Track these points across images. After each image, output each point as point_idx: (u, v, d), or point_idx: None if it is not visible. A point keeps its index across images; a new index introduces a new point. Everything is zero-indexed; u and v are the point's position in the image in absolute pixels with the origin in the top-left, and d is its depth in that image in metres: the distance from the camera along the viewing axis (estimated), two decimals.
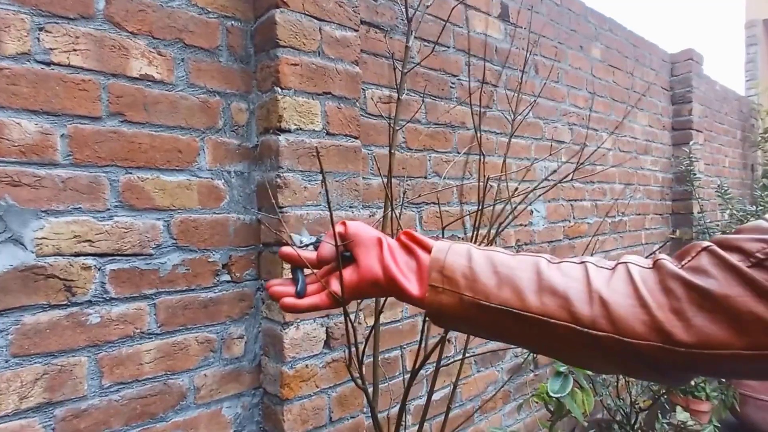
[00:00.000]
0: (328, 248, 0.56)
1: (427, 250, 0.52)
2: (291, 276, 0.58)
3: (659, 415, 2.26)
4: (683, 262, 0.41)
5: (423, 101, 1.59)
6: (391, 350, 1.49)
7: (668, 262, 0.42)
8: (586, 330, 0.42)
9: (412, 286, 0.51)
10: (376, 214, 1.42)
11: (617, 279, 0.43)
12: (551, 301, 0.44)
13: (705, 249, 0.40)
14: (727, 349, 0.37)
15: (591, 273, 0.45)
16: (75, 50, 0.92)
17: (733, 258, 0.38)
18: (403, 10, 1.50)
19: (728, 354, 0.37)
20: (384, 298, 1.16)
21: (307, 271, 0.57)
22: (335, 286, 0.55)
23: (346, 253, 0.56)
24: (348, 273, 0.54)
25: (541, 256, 0.49)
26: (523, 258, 0.49)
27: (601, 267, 0.45)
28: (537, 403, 1.45)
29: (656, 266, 0.43)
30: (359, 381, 0.97)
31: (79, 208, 0.92)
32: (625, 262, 0.45)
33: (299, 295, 0.55)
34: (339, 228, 0.55)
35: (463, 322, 0.50)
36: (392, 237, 0.57)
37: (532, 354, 1.98)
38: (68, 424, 0.91)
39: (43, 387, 0.88)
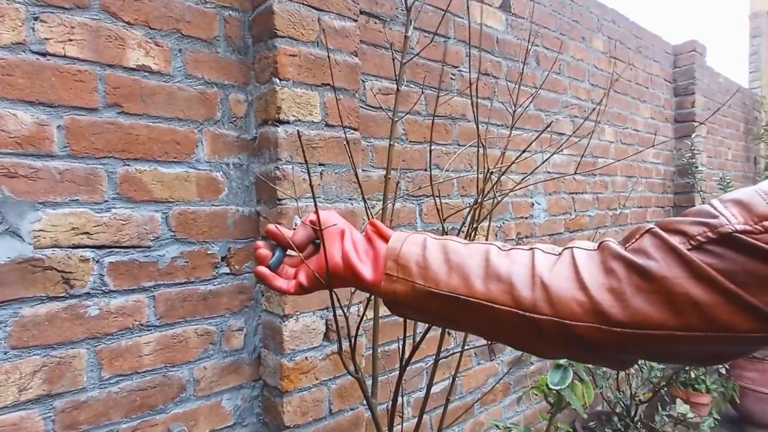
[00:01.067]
0: (299, 234, 0.58)
1: (386, 239, 0.54)
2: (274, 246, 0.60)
3: (659, 408, 2.26)
4: (627, 244, 0.42)
5: (422, 92, 1.57)
6: (391, 342, 1.49)
7: (613, 244, 0.43)
8: (527, 314, 0.43)
9: (368, 273, 0.52)
10: (375, 207, 1.41)
11: (561, 263, 0.44)
12: (496, 286, 0.45)
13: (648, 231, 0.41)
14: (662, 329, 0.38)
15: (537, 259, 0.46)
16: (71, 40, 0.91)
17: (675, 240, 0.38)
18: None
19: (663, 335, 0.38)
20: None
21: (292, 253, 0.60)
22: (303, 275, 0.58)
23: (316, 241, 0.59)
24: (314, 261, 0.57)
25: (493, 244, 0.50)
26: (476, 246, 0.50)
27: (548, 253, 0.46)
28: (537, 395, 1.46)
29: (600, 248, 0.44)
30: (352, 369, 0.97)
31: (77, 200, 0.92)
32: (571, 247, 0.46)
33: (270, 267, 0.57)
34: (311, 216, 0.58)
35: (416, 310, 0.51)
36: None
37: None
38: (68, 415, 0.91)
39: (42, 379, 0.88)
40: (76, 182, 0.92)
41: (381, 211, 1.17)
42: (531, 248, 0.47)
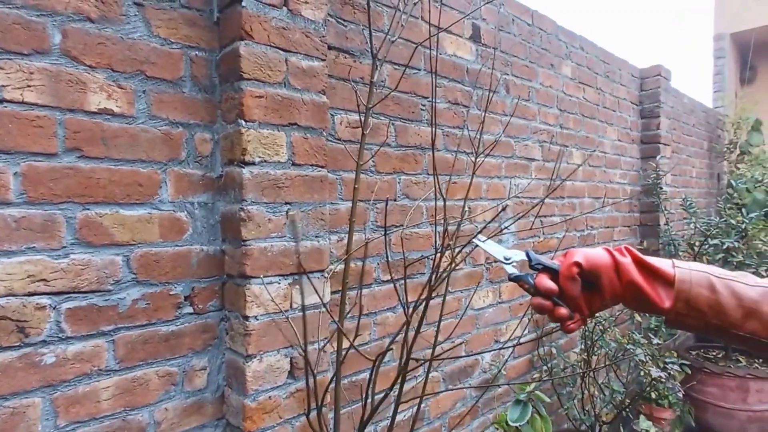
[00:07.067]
0: (573, 288, 0.64)
1: (666, 277, 0.62)
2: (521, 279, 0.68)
3: (621, 427, 2.33)
4: None
5: (393, 124, 1.60)
6: (358, 373, 1.50)
7: None
8: None
9: (666, 303, 0.62)
10: (343, 239, 1.43)
11: None
12: None
13: None
14: None
15: None
16: (29, 86, 0.90)
17: None
18: (376, 35, 1.51)
19: None
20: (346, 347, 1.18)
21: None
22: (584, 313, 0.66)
23: (588, 282, 0.65)
24: (591, 297, 0.65)
25: None
26: (762, 290, 0.59)
27: None
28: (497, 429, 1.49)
29: None
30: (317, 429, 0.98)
31: (33, 247, 0.90)
32: None
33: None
34: (574, 269, 0.64)
35: (701, 332, 0.63)
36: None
37: (499, 370, 2.01)
38: None
39: None
40: (33, 229, 0.90)
41: (346, 249, 1.18)
42: None
